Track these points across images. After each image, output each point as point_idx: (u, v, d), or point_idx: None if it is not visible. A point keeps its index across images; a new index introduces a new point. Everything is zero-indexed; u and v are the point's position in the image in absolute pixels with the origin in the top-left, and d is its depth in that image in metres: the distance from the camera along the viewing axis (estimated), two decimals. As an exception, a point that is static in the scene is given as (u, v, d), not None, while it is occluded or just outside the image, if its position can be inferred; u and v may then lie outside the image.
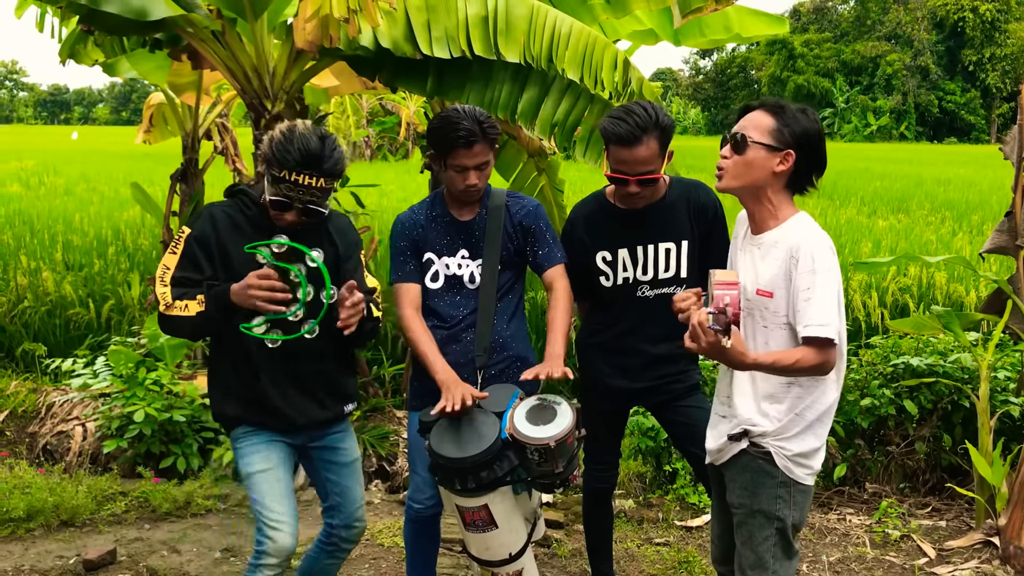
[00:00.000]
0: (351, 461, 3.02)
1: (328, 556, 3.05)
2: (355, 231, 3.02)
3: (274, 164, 2.65)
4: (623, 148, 2.93)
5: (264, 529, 2.79)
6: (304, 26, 4.23)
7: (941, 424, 4.65)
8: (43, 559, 3.95)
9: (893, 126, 64.58)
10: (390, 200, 12.95)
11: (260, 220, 2.79)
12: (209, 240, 2.76)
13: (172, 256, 2.76)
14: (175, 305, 2.70)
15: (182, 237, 2.77)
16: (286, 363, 2.80)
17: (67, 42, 5.75)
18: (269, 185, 2.69)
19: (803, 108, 2.48)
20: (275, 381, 2.80)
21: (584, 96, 4.61)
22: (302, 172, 2.64)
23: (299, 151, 2.62)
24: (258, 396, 2.80)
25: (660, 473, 4.86)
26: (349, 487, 3.00)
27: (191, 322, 2.70)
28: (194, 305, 2.69)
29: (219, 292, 2.68)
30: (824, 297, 2.35)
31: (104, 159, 25.17)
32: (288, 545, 2.79)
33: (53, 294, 6.76)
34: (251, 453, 2.83)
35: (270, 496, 2.80)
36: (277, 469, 2.84)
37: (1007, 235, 4.43)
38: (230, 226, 2.78)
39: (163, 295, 2.72)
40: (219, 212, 2.82)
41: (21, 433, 5.30)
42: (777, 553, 2.51)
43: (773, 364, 2.36)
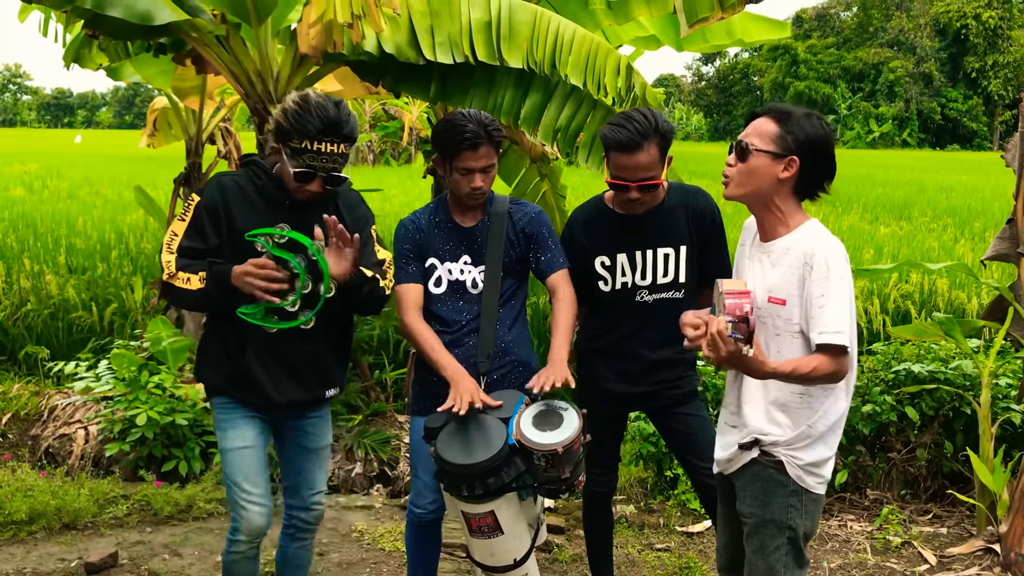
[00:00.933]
0: (321, 447, 3.03)
1: (291, 540, 3.09)
2: (365, 205, 3.02)
3: (293, 135, 2.64)
4: (623, 154, 2.94)
5: (237, 507, 2.85)
6: (308, 31, 4.24)
7: (942, 431, 4.65)
8: (45, 562, 3.95)
9: (895, 133, 64.62)
10: (393, 205, 12.97)
11: (272, 192, 2.79)
12: (218, 209, 2.75)
13: (181, 223, 2.74)
14: (178, 276, 2.69)
15: (191, 204, 2.76)
16: (276, 343, 2.79)
17: (72, 46, 5.78)
18: (290, 158, 2.68)
19: (809, 113, 2.45)
20: (262, 359, 2.80)
21: (587, 102, 4.63)
22: (323, 140, 2.64)
23: (319, 119, 2.62)
24: (243, 371, 2.80)
25: (661, 479, 4.87)
26: (310, 470, 3.01)
27: (192, 295, 2.69)
28: (196, 281, 2.68)
29: (220, 272, 2.67)
30: (838, 304, 2.34)
31: (107, 163, 25.22)
32: (260, 524, 2.85)
33: (56, 297, 6.77)
34: (229, 427, 2.85)
35: (243, 475, 2.83)
36: (253, 447, 2.86)
37: (1009, 242, 4.43)
38: (240, 196, 2.77)
39: (168, 263, 2.70)
40: (229, 181, 2.80)
41: (23, 436, 5.31)
42: (788, 562, 2.50)
43: (792, 372, 2.34)
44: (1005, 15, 64.51)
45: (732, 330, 2.21)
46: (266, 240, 2.67)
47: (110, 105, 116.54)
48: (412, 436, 3.20)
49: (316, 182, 2.71)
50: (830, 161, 2.47)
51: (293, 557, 3.12)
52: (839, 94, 66.85)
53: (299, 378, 2.87)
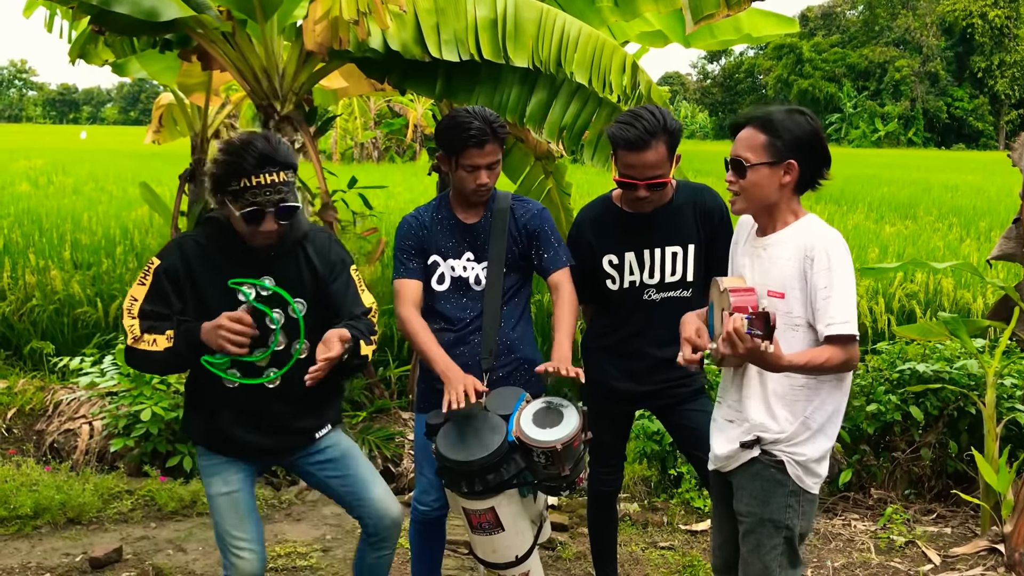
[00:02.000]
0: (343, 453, 2.88)
1: (372, 549, 2.94)
2: (340, 247, 2.89)
3: (230, 179, 2.54)
4: (632, 152, 2.94)
5: (228, 555, 2.76)
6: (314, 28, 4.25)
7: (947, 431, 4.64)
8: (50, 556, 3.96)
9: (901, 132, 64.49)
10: (397, 202, 12.98)
11: (233, 248, 2.68)
12: (178, 273, 2.65)
13: (140, 288, 2.64)
14: (143, 339, 2.58)
15: (151, 268, 2.66)
16: (249, 401, 2.70)
17: (77, 42, 5.79)
18: (233, 204, 2.56)
19: (791, 110, 2.44)
20: (236, 417, 2.72)
21: (592, 100, 4.62)
22: (260, 172, 2.53)
23: (248, 154, 2.53)
24: (219, 428, 2.74)
25: (665, 477, 4.87)
26: (353, 474, 2.86)
27: (160, 358, 2.58)
28: (162, 340, 2.57)
29: (189, 329, 2.58)
30: (843, 294, 2.36)
31: (113, 158, 25.26)
32: (252, 570, 2.75)
33: (61, 293, 6.79)
34: (213, 474, 2.78)
35: (230, 521, 2.75)
36: (238, 491, 2.78)
37: (1014, 242, 4.42)
38: (201, 257, 2.67)
39: (131, 327, 2.60)
40: (189, 243, 2.70)
41: (28, 431, 5.32)
42: (783, 562, 2.51)
43: (806, 364, 2.35)
44: (1012, 14, 64.34)
45: (749, 327, 2.20)
46: (249, 290, 2.60)
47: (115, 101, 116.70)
48: (416, 433, 3.20)
49: (268, 219, 2.57)
50: (824, 152, 2.47)
51: (372, 568, 2.97)
52: (844, 93, 66.74)
53: (279, 432, 2.78)
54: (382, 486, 2.90)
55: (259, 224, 2.58)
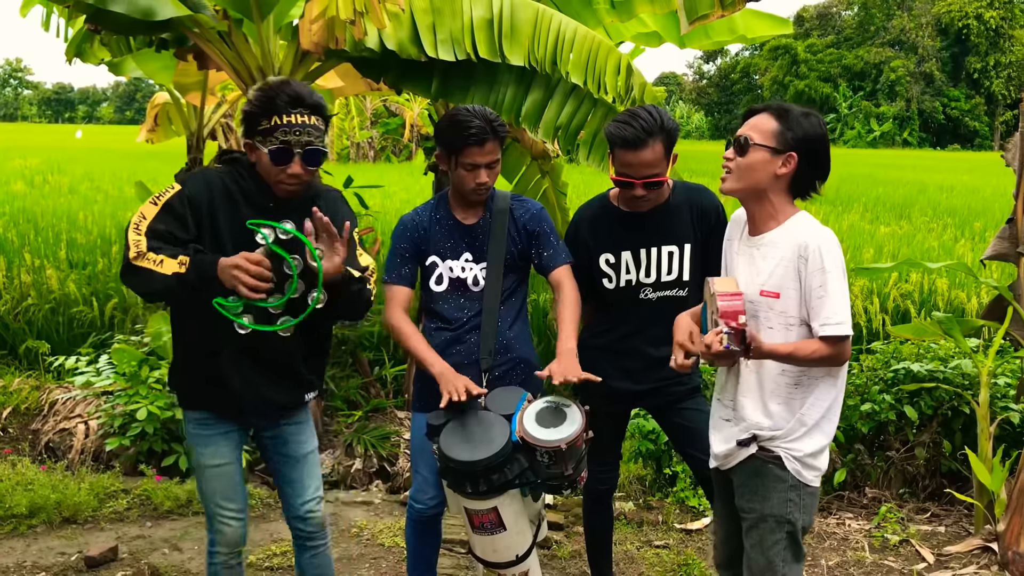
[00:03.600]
0: (305, 454, 2.93)
1: (303, 551, 3.02)
2: (347, 206, 2.90)
3: (262, 116, 2.55)
4: (629, 151, 2.95)
5: (214, 522, 2.86)
6: (310, 27, 4.25)
7: (941, 430, 4.66)
8: (45, 556, 3.96)
9: (896, 132, 64.58)
10: (393, 201, 12.97)
11: (254, 192, 2.67)
12: (201, 203, 2.61)
13: (152, 207, 2.57)
14: (148, 256, 2.49)
15: (169, 192, 2.60)
16: (249, 348, 2.68)
17: (73, 41, 5.78)
18: (262, 142, 2.57)
19: (807, 112, 2.48)
20: (236, 360, 2.70)
21: (588, 99, 4.63)
22: (293, 111, 2.55)
23: (284, 92, 2.56)
24: (215, 374, 2.70)
25: (660, 476, 4.88)
26: (299, 479, 2.93)
27: (163, 280, 2.48)
28: (171, 264, 2.48)
29: (206, 261, 2.50)
30: (836, 294, 2.38)
31: (108, 158, 25.21)
32: (236, 537, 2.88)
33: (57, 292, 6.78)
34: (204, 445, 2.81)
35: (220, 493, 2.83)
36: (229, 464, 2.83)
37: (1008, 242, 4.44)
38: (224, 194, 2.65)
39: (136, 242, 2.50)
40: (215, 177, 2.67)
41: (24, 430, 5.32)
42: (787, 557, 2.53)
43: (790, 354, 2.39)
44: (1007, 15, 64.47)
45: (728, 341, 2.27)
46: (267, 232, 2.54)
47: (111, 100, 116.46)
48: (413, 432, 3.20)
49: (295, 162, 2.58)
50: (826, 160, 2.50)
51: (310, 568, 3.03)
52: (840, 93, 66.83)
53: (275, 382, 2.78)
54: (314, 494, 2.96)
55: (286, 165, 2.58)
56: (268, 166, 2.60)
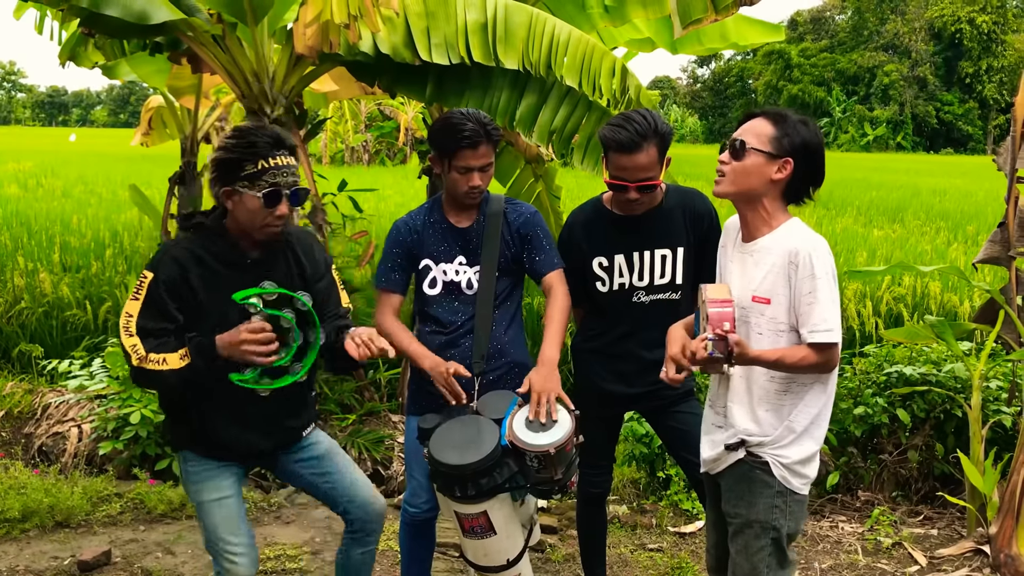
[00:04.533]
0: (326, 449, 2.90)
1: (356, 544, 2.95)
2: (320, 247, 2.91)
3: (246, 162, 2.55)
4: (623, 155, 2.96)
5: (221, 560, 2.75)
6: (304, 31, 4.25)
7: (933, 433, 4.67)
8: (38, 560, 3.95)
9: (890, 136, 64.79)
10: (387, 205, 12.98)
11: (229, 253, 2.66)
12: (178, 285, 2.59)
13: (135, 303, 2.58)
14: (150, 359, 2.52)
15: (144, 282, 2.59)
16: (240, 398, 2.65)
17: (67, 44, 5.78)
18: (248, 187, 2.56)
19: (805, 119, 2.49)
20: (227, 419, 2.69)
21: (582, 103, 4.64)
22: (276, 153, 2.57)
23: (265, 136, 2.57)
24: (208, 431, 2.70)
25: (654, 479, 4.88)
26: (335, 471, 2.88)
27: (174, 375, 2.52)
28: (174, 359, 2.52)
29: (204, 345, 2.53)
30: (826, 300, 2.38)
31: (102, 161, 25.17)
32: (247, 574, 2.75)
33: (50, 295, 6.77)
34: (202, 480, 2.75)
35: (224, 527, 2.74)
36: (229, 497, 2.76)
37: (1000, 245, 4.45)
38: (198, 265, 2.63)
39: (133, 348, 2.53)
40: (182, 252, 2.64)
41: (17, 434, 5.31)
42: (771, 563, 2.52)
43: (777, 361, 2.39)
44: (999, 20, 64.78)
45: (712, 348, 2.28)
46: (256, 300, 2.56)
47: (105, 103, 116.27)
48: (407, 436, 3.20)
49: (283, 202, 2.60)
50: (820, 167, 2.51)
51: (357, 565, 2.97)
52: (834, 97, 67.02)
53: (272, 430, 2.78)
54: (365, 479, 2.94)
55: (275, 207, 2.59)
56: (255, 211, 2.59)
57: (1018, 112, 4.36)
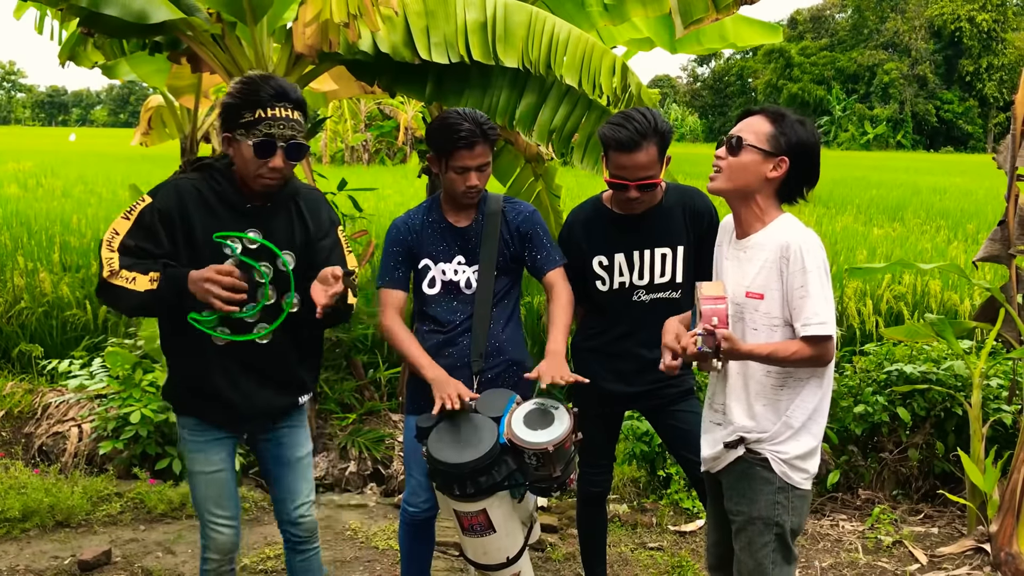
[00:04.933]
0: (299, 458, 2.93)
1: (294, 554, 3.03)
2: (328, 207, 2.89)
3: (243, 108, 2.52)
4: (623, 154, 2.96)
5: (206, 529, 2.84)
6: (304, 30, 4.25)
7: (934, 431, 4.68)
8: (38, 559, 3.95)
9: (890, 135, 64.77)
10: (387, 204, 12.98)
11: (231, 196, 2.64)
12: (173, 215, 2.58)
13: (124, 222, 2.56)
14: (121, 274, 2.50)
15: (140, 205, 2.58)
16: (237, 354, 2.68)
17: (67, 44, 5.77)
18: (244, 135, 2.54)
19: (802, 119, 2.50)
20: (224, 370, 2.69)
21: (582, 102, 4.64)
22: (277, 104, 2.53)
23: (268, 85, 2.54)
24: (205, 384, 2.71)
25: (654, 478, 4.88)
26: (292, 482, 2.93)
27: (137, 297, 2.49)
28: (144, 281, 2.50)
29: (176, 275, 2.50)
30: (818, 294, 2.39)
31: (102, 161, 25.17)
32: (228, 544, 2.85)
33: (50, 295, 6.77)
34: (196, 451, 2.80)
35: (212, 499, 2.81)
36: (221, 471, 2.82)
37: (1000, 244, 4.45)
38: (198, 201, 2.61)
39: (109, 260, 2.51)
40: (186, 185, 2.63)
41: (17, 434, 5.30)
42: (777, 559, 2.53)
43: (770, 355, 2.41)
44: (999, 18, 64.76)
45: (701, 343, 2.31)
46: (235, 243, 2.54)
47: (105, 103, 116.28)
48: (406, 435, 3.21)
49: (278, 155, 2.55)
50: (815, 168, 2.51)
51: (300, 571, 3.04)
52: (834, 96, 67.00)
53: (268, 385, 2.77)
54: (308, 494, 2.97)
55: (269, 158, 2.56)
56: (249, 160, 2.57)
57: (1018, 110, 4.36)
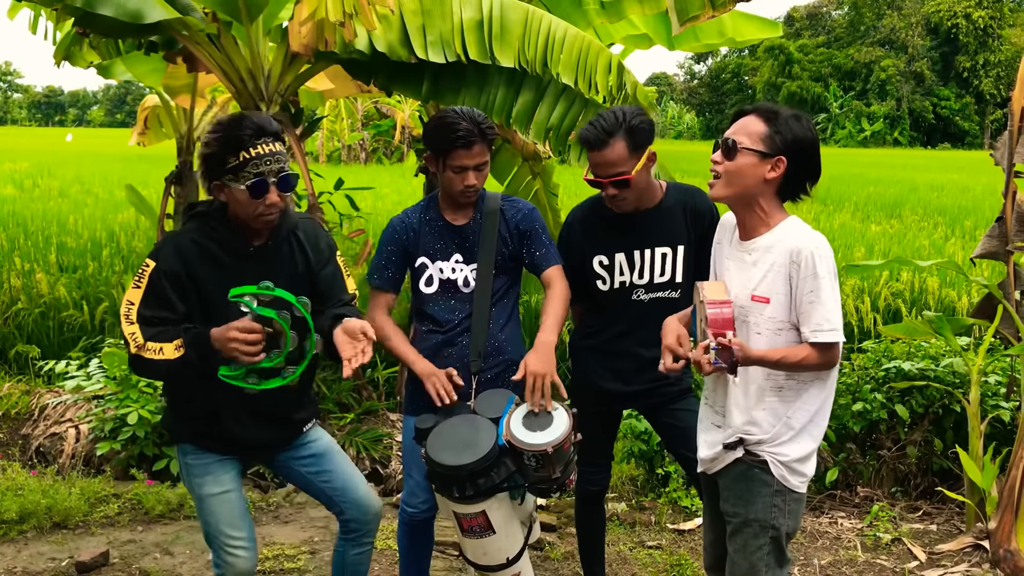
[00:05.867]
0: (325, 448, 2.90)
1: (352, 545, 2.95)
2: (326, 234, 2.90)
3: (228, 154, 2.52)
4: (592, 152, 2.99)
5: (221, 554, 2.74)
6: (299, 29, 4.24)
7: (932, 428, 4.67)
8: (35, 561, 3.94)
9: (887, 132, 64.77)
10: (385, 203, 12.95)
11: (230, 241, 2.65)
12: (180, 274, 2.59)
13: (136, 291, 2.58)
14: (148, 347, 2.52)
15: (146, 271, 2.59)
16: (243, 399, 2.65)
17: (62, 44, 5.76)
18: (234, 180, 2.54)
19: (797, 114, 2.46)
20: (231, 411, 2.69)
21: (579, 100, 4.64)
22: (258, 143, 2.53)
23: (246, 125, 2.53)
24: (211, 425, 2.71)
25: (653, 477, 4.88)
26: (333, 470, 2.87)
27: (167, 367, 2.53)
28: (169, 349, 2.52)
29: (199, 337, 2.53)
30: (829, 300, 2.37)
31: (98, 161, 25.13)
32: (248, 568, 2.75)
33: (47, 296, 6.75)
34: (202, 475, 2.74)
35: (226, 521, 2.73)
36: (231, 491, 2.76)
37: (998, 240, 4.45)
38: (200, 254, 2.62)
39: (132, 336, 2.53)
40: (185, 242, 2.64)
41: (14, 435, 5.29)
42: (770, 562, 2.52)
43: (780, 360, 2.38)
44: (995, 14, 64.77)
45: (715, 358, 2.27)
46: (251, 300, 2.54)
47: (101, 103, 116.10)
48: (405, 435, 3.20)
49: (272, 191, 2.57)
50: (815, 163, 2.48)
51: (353, 564, 2.96)
52: (831, 93, 67.01)
53: (274, 425, 2.78)
54: (362, 480, 2.94)
55: (263, 197, 2.56)
56: (245, 203, 2.57)
57: (1015, 106, 4.35)
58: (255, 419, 2.73)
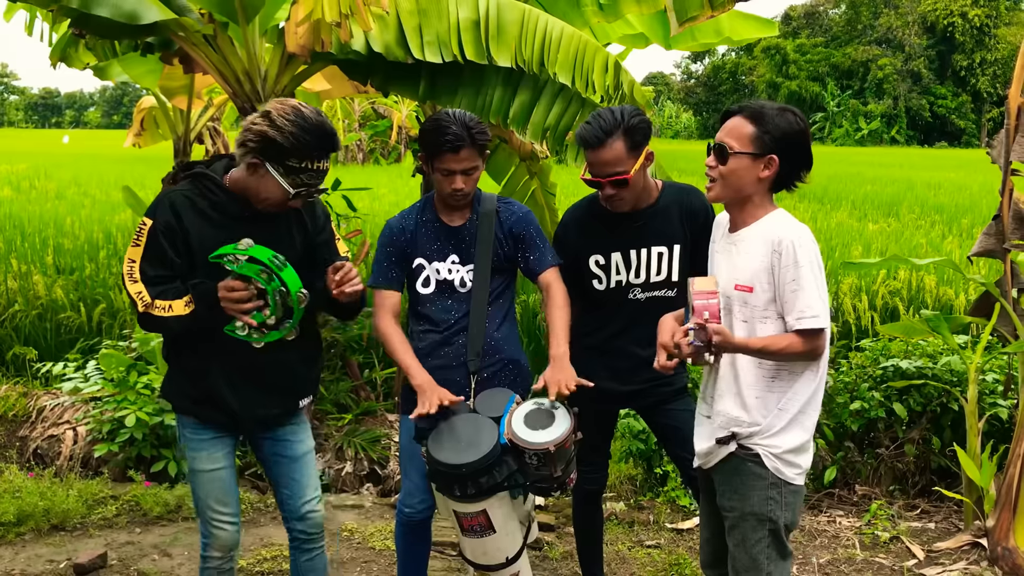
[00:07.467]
0: (302, 454, 2.94)
1: (299, 552, 3.02)
2: (319, 202, 2.93)
3: (291, 155, 2.53)
4: (590, 151, 2.99)
5: (207, 527, 2.87)
6: (296, 30, 4.23)
7: (930, 427, 4.68)
8: (33, 563, 3.94)
9: (884, 130, 64.79)
10: (382, 204, 12.94)
11: (228, 205, 2.67)
12: (175, 230, 2.62)
13: (136, 249, 2.62)
14: (156, 305, 2.58)
15: (144, 229, 2.62)
16: (238, 360, 2.71)
17: (58, 45, 5.75)
18: (284, 177, 2.56)
19: (783, 108, 2.48)
20: (227, 374, 2.73)
21: (576, 100, 4.63)
22: (323, 158, 2.59)
23: (319, 136, 2.55)
24: (207, 388, 2.74)
25: (651, 476, 4.88)
26: (297, 480, 2.93)
27: (178, 322, 2.59)
28: (179, 306, 2.59)
29: (206, 292, 2.58)
30: (810, 287, 2.40)
31: (95, 163, 25.09)
32: (230, 541, 2.87)
33: (44, 298, 6.74)
34: (197, 449, 2.82)
35: (213, 497, 2.84)
36: (223, 468, 2.85)
37: (995, 238, 4.45)
38: (194, 213, 2.65)
39: (139, 295, 2.59)
40: (180, 198, 2.66)
41: (11, 437, 5.28)
42: (771, 554, 2.53)
43: (763, 348, 2.41)
44: (991, 13, 64.76)
45: (693, 338, 2.33)
46: (230, 260, 2.58)
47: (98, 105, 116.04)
48: (402, 436, 3.20)
49: (299, 199, 2.65)
50: (807, 154, 2.51)
51: (306, 570, 3.03)
52: (828, 91, 67.02)
53: (268, 392, 2.81)
54: (316, 492, 2.98)
55: (293, 201, 2.63)
56: (270, 192, 2.61)
57: (1011, 105, 4.36)
58: (247, 381, 2.76)
